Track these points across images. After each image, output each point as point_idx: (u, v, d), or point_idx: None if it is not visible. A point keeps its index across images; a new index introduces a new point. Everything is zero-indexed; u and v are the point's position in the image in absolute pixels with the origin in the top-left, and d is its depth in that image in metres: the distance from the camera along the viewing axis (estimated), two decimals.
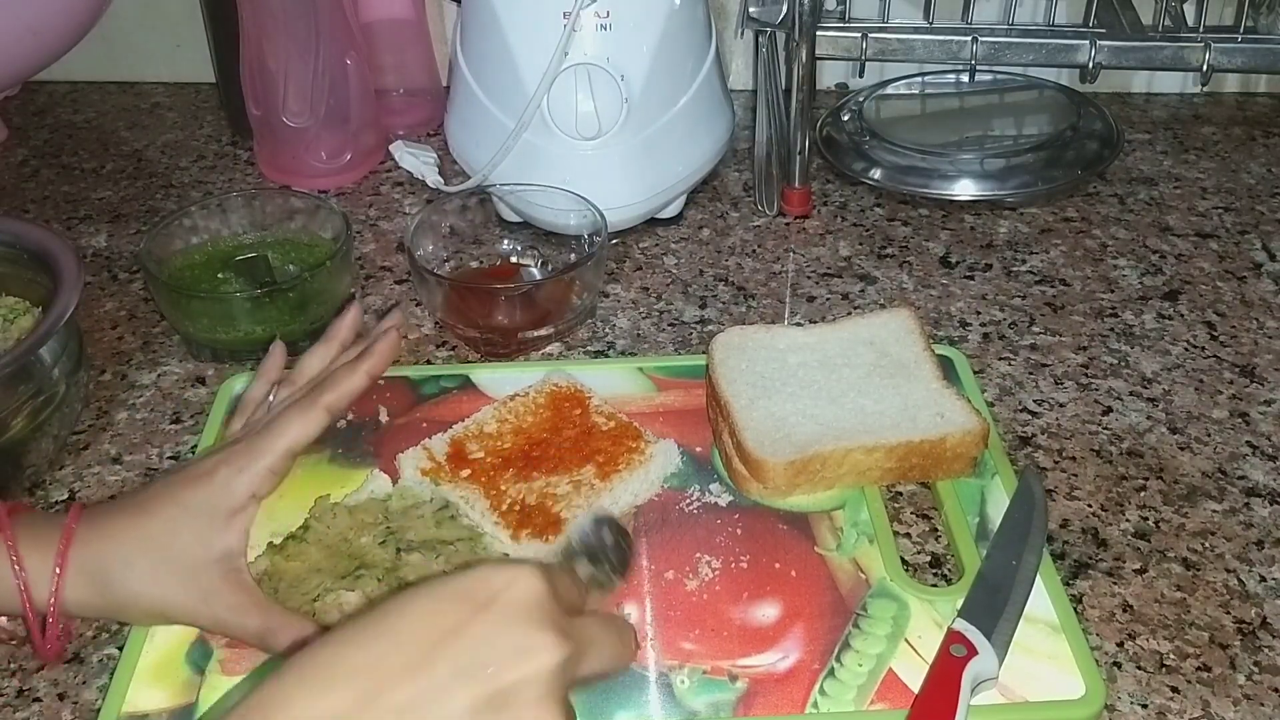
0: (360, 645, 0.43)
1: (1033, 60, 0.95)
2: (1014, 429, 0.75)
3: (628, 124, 0.85)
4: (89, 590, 0.59)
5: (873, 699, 0.58)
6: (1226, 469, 0.72)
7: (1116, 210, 0.96)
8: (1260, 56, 0.92)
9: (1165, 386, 0.78)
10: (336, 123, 0.97)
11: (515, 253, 0.88)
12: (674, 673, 0.59)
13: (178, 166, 1.04)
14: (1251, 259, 0.90)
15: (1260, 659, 0.61)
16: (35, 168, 1.04)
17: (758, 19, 0.89)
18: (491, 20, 0.86)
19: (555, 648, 0.44)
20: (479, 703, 0.42)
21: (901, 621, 0.61)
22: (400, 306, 0.85)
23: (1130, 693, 0.60)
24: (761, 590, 0.63)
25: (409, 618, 0.44)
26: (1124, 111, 1.08)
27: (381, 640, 0.43)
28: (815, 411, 0.69)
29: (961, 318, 0.84)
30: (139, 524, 0.60)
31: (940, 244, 0.92)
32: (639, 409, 0.74)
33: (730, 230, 0.94)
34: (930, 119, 1.06)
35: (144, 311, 0.86)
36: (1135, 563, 0.66)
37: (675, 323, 0.84)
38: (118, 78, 1.15)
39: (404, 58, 1.06)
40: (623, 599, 0.62)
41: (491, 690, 0.42)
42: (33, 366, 0.70)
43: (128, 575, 0.59)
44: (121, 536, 0.60)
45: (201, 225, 0.84)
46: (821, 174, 0.99)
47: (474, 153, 0.91)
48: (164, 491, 0.62)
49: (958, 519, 0.66)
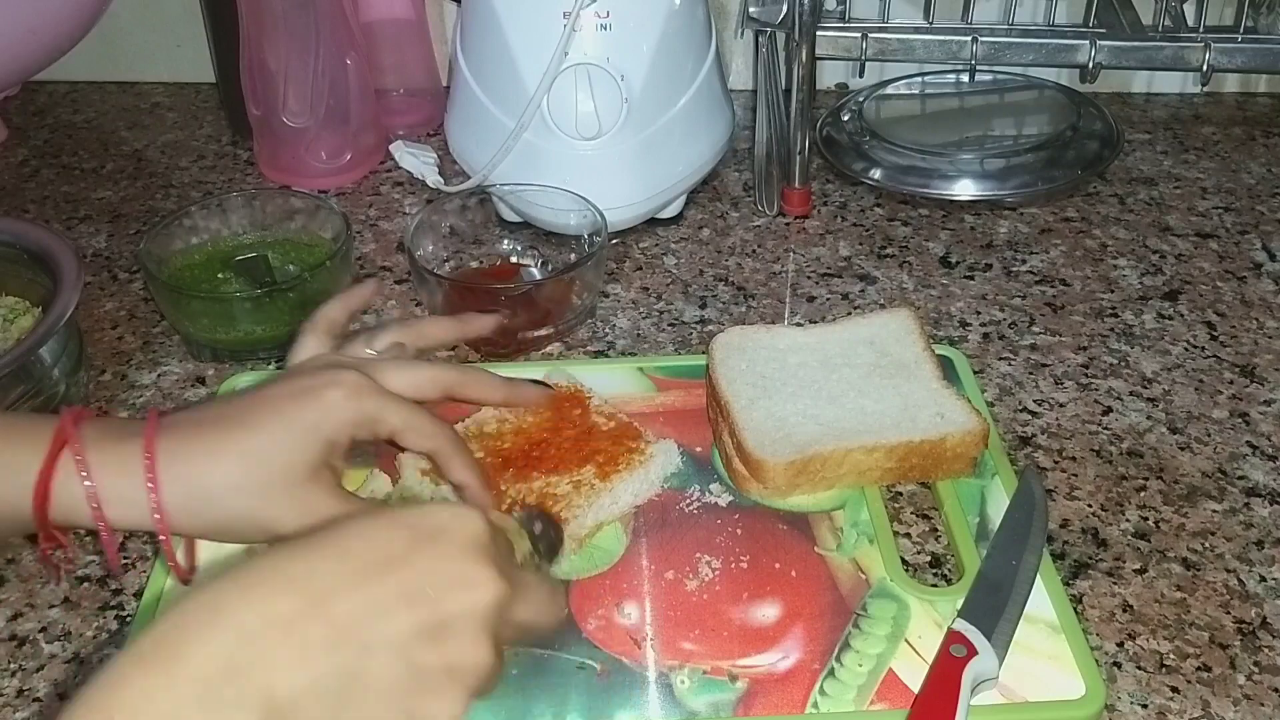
0: (305, 558, 0.43)
1: (1033, 60, 0.95)
2: (1014, 429, 0.75)
3: (628, 124, 0.85)
4: (184, 511, 0.55)
5: (873, 699, 0.57)
6: (1226, 469, 0.72)
7: (1116, 210, 0.96)
8: (1260, 56, 0.92)
9: (1165, 386, 0.78)
10: (336, 123, 0.97)
11: (515, 253, 0.88)
12: (674, 673, 0.59)
13: (178, 166, 1.04)
14: (1251, 259, 0.90)
15: (1260, 659, 0.61)
16: (35, 168, 1.04)
17: (758, 19, 0.89)
18: (491, 20, 0.86)
19: (494, 583, 0.45)
20: (419, 627, 0.42)
21: (901, 622, 0.61)
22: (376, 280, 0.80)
23: (1130, 693, 0.60)
24: (761, 590, 0.63)
25: (357, 538, 0.44)
26: (1124, 111, 1.08)
27: (328, 555, 0.43)
28: (815, 411, 0.69)
29: (961, 318, 0.84)
30: (239, 439, 0.56)
31: (940, 244, 0.92)
32: (639, 409, 0.74)
33: (730, 230, 0.94)
34: (930, 119, 1.06)
35: (144, 311, 0.86)
36: (1135, 563, 0.66)
37: (675, 323, 0.84)
38: (118, 78, 1.15)
39: (404, 58, 1.06)
40: (623, 598, 0.62)
41: (432, 617, 0.43)
42: (33, 366, 0.70)
43: (235, 496, 0.55)
44: (220, 452, 0.55)
45: (201, 225, 0.84)
46: (821, 174, 0.99)
47: (474, 153, 0.91)
48: (264, 404, 0.57)
49: (958, 519, 0.66)
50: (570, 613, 0.62)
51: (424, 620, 0.43)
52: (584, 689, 0.58)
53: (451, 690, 0.43)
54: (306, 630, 0.41)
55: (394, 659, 0.42)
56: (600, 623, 0.61)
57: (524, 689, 0.58)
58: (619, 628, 0.61)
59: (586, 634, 0.61)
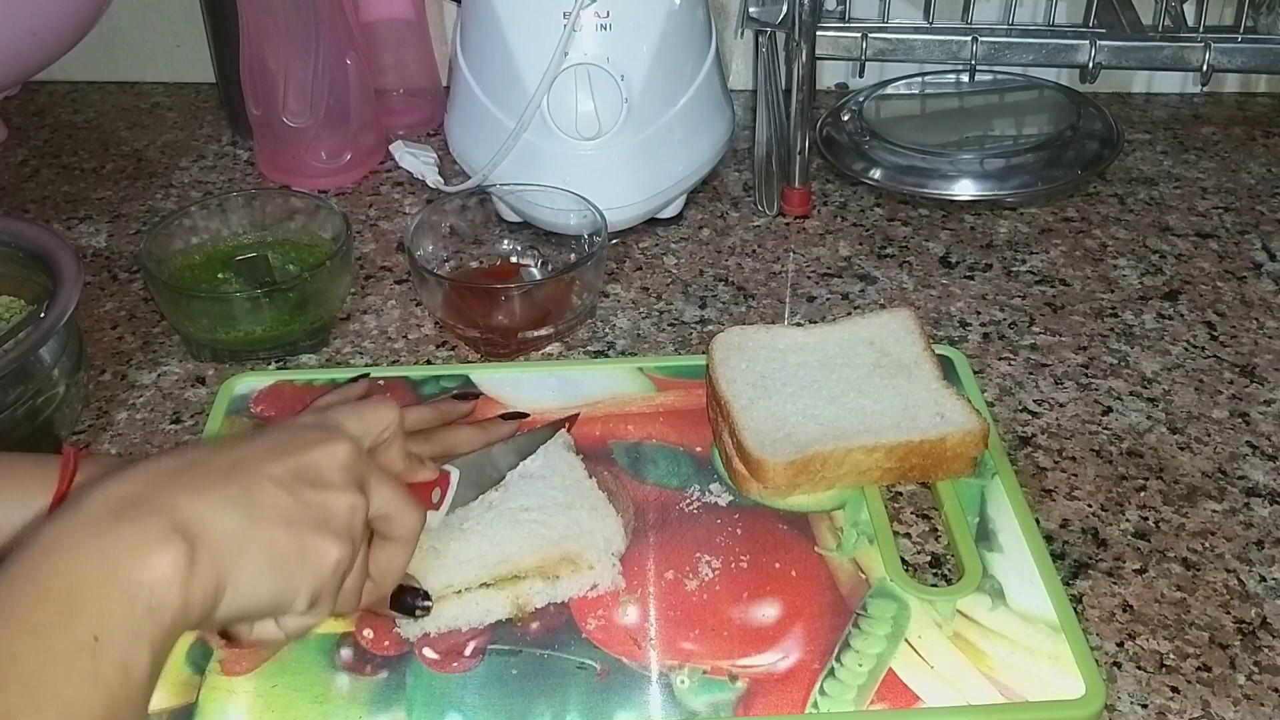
0: (167, 455, 0.50)
1: (1033, 60, 0.95)
2: (1014, 429, 0.75)
3: (628, 124, 0.85)
4: None
5: (873, 699, 0.57)
6: (1226, 469, 0.72)
7: (1116, 210, 0.96)
8: (1260, 56, 0.92)
9: (1165, 386, 0.78)
10: (336, 123, 0.97)
11: (515, 253, 0.88)
12: (674, 673, 0.59)
13: (178, 166, 1.04)
14: (1251, 259, 0.90)
15: (1260, 659, 0.61)
16: (35, 168, 1.04)
17: (758, 19, 0.89)
18: (491, 20, 0.86)
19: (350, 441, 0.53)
20: (294, 469, 0.50)
21: (901, 621, 0.61)
22: None
23: (1130, 693, 0.60)
24: (761, 590, 0.63)
25: None
26: (1124, 111, 1.08)
27: (187, 451, 0.51)
28: (815, 411, 0.69)
29: (961, 318, 0.84)
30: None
31: (940, 244, 0.92)
32: (639, 409, 0.74)
33: (730, 230, 0.94)
34: (930, 119, 1.06)
35: (144, 311, 0.86)
36: (1135, 563, 0.66)
37: (675, 323, 0.84)
38: (118, 78, 1.15)
39: (404, 58, 1.06)
40: (623, 598, 0.62)
41: (303, 461, 0.51)
42: (33, 366, 0.70)
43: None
44: None
45: (201, 225, 0.84)
46: (821, 174, 0.99)
47: (474, 153, 0.91)
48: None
49: (958, 519, 0.66)
50: (570, 613, 0.62)
51: (295, 464, 0.51)
52: (584, 689, 0.58)
53: (335, 530, 0.50)
54: (196, 473, 0.48)
55: (279, 490, 0.49)
56: (600, 623, 0.61)
57: (524, 689, 0.58)
58: (619, 628, 0.61)
59: (586, 634, 0.61)
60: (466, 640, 0.60)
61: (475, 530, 0.63)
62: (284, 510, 0.49)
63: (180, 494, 0.47)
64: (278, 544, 0.49)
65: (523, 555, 0.63)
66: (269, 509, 0.49)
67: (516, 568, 0.62)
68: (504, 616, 0.61)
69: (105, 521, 0.45)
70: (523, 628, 0.61)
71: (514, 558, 0.62)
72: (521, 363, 0.80)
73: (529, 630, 0.61)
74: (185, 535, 0.45)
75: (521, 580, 0.62)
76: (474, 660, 0.60)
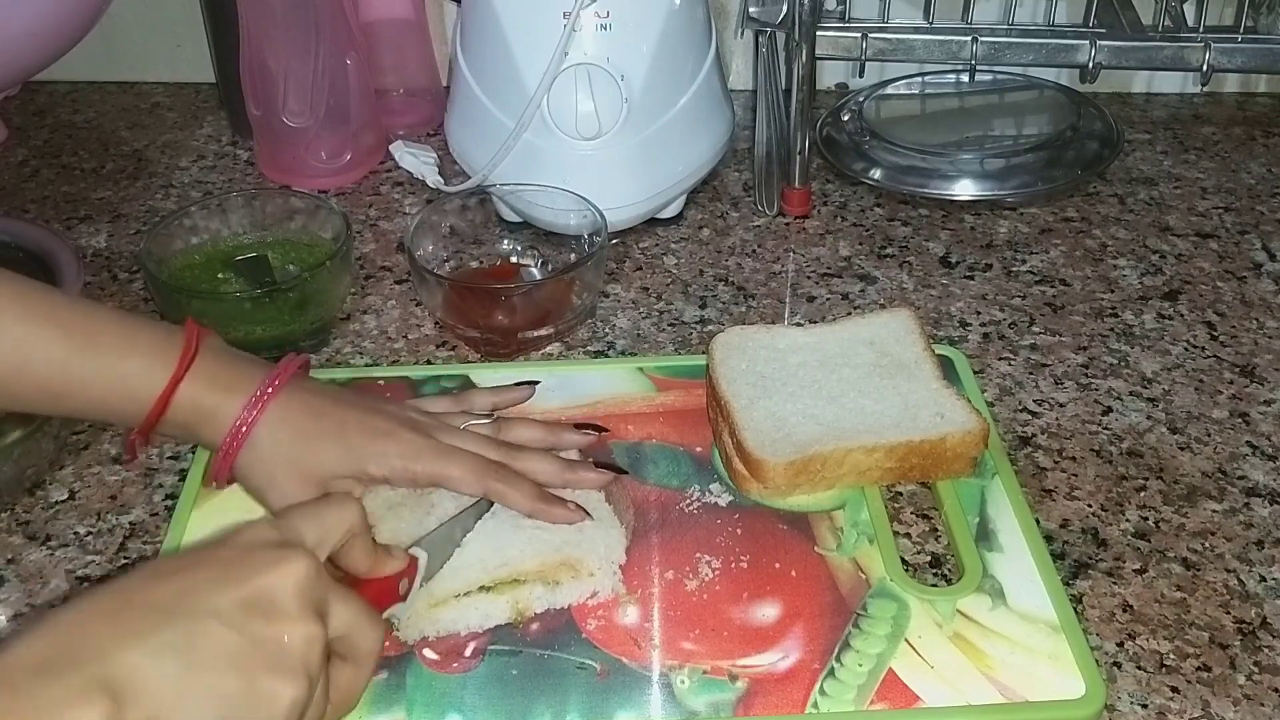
0: (132, 577, 0.47)
1: (1033, 60, 0.95)
2: (1014, 429, 0.75)
3: (628, 124, 0.85)
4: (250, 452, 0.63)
5: (873, 699, 0.57)
6: (1226, 469, 0.72)
7: (1116, 210, 0.96)
8: (1260, 56, 0.92)
9: (1165, 386, 0.78)
10: (336, 123, 0.97)
11: (515, 253, 0.88)
12: (674, 673, 0.59)
13: (178, 166, 1.04)
14: (1251, 259, 0.90)
15: (1260, 659, 0.61)
16: (35, 168, 1.04)
17: (758, 19, 0.89)
18: (491, 20, 0.86)
19: (304, 558, 0.48)
20: (241, 601, 0.45)
21: (901, 621, 0.61)
22: None
23: (1130, 693, 0.60)
24: (761, 590, 0.63)
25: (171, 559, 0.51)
26: (1124, 111, 1.08)
27: (148, 568, 0.47)
28: (815, 411, 0.69)
29: (961, 318, 0.84)
30: (322, 440, 0.63)
31: (940, 244, 0.92)
32: (639, 409, 0.74)
33: (730, 230, 0.94)
34: (930, 119, 1.06)
35: (144, 311, 0.86)
36: (1135, 563, 0.66)
37: (675, 323, 0.84)
38: (118, 78, 1.15)
39: (404, 58, 1.06)
40: (623, 598, 0.62)
41: (252, 591, 0.46)
42: None
43: (286, 481, 0.63)
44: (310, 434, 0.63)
45: (201, 225, 0.84)
46: (821, 174, 0.99)
47: (474, 153, 0.91)
48: (350, 417, 0.64)
49: (958, 519, 0.66)
50: (570, 614, 0.62)
51: (245, 594, 0.46)
52: (584, 689, 0.58)
53: (290, 668, 0.45)
54: (130, 615, 0.44)
55: (224, 629, 0.44)
56: (600, 623, 0.61)
57: (524, 689, 0.58)
58: (619, 628, 0.61)
59: (586, 634, 0.61)
60: (466, 641, 0.60)
61: (476, 534, 0.64)
62: (231, 651, 0.44)
63: (110, 641, 0.43)
64: (224, 691, 0.44)
65: (523, 559, 0.63)
66: (213, 652, 0.44)
67: (517, 571, 0.62)
68: (503, 621, 0.61)
69: (24, 676, 0.41)
70: (523, 628, 0.61)
71: (514, 561, 0.63)
72: (521, 363, 0.80)
73: (529, 631, 0.61)
74: (111, 690, 0.41)
75: (521, 585, 0.62)
76: (474, 661, 0.60)
